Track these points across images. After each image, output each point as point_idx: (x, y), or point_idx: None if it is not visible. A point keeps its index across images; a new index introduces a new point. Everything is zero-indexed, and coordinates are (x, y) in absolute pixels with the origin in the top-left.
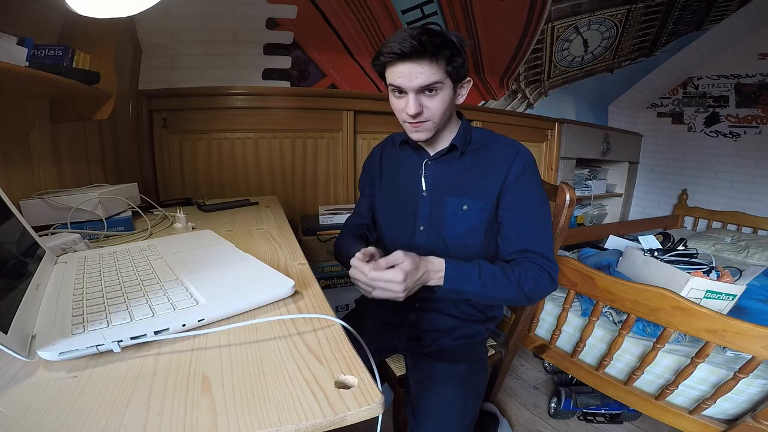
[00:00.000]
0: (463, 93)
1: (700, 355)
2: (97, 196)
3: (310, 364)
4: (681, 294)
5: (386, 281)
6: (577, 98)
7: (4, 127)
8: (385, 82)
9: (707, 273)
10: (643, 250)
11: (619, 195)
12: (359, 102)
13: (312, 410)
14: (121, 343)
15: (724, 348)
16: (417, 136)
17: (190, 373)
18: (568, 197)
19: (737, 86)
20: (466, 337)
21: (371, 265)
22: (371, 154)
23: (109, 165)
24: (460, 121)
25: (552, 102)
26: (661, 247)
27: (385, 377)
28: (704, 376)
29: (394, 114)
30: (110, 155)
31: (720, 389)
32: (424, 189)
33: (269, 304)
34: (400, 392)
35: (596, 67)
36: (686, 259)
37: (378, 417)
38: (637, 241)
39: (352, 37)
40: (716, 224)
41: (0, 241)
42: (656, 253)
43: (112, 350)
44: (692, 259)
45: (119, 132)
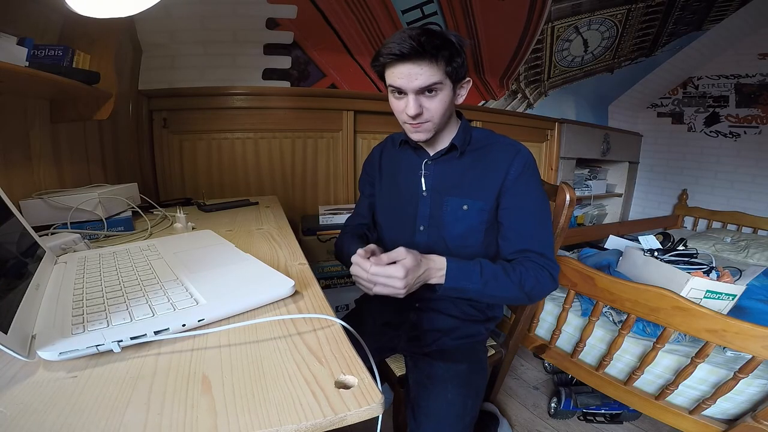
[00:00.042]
0: (463, 93)
1: (700, 355)
2: (97, 196)
3: (310, 364)
4: (681, 294)
5: (387, 277)
6: (577, 98)
7: (4, 127)
8: (384, 82)
9: (707, 273)
10: (643, 250)
11: (619, 195)
12: (359, 102)
13: (312, 410)
14: (121, 343)
15: (724, 348)
16: (417, 136)
17: (190, 373)
18: (568, 197)
19: (737, 86)
20: (466, 337)
21: (372, 260)
22: (371, 155)
23: (109, 165)
24: (459, 121)
25: (552, 102)
26: (661, 247)
27: (385, 377)
28: (704, 376)
29: (394, 114)
30: (110, 155)
31: (720, 389)
32: (423, 189)
33: (269, 304)
34: (400, 392)
35: (596, 67)
36: (686, 259)
37: (378, 417)
38: (637, 241)
39: (352, 37)
40: (716, 224)
41: (0, 241)
42: (656, 253)
43: (112, 350)
44: (692, 259)
45: (119, 132)
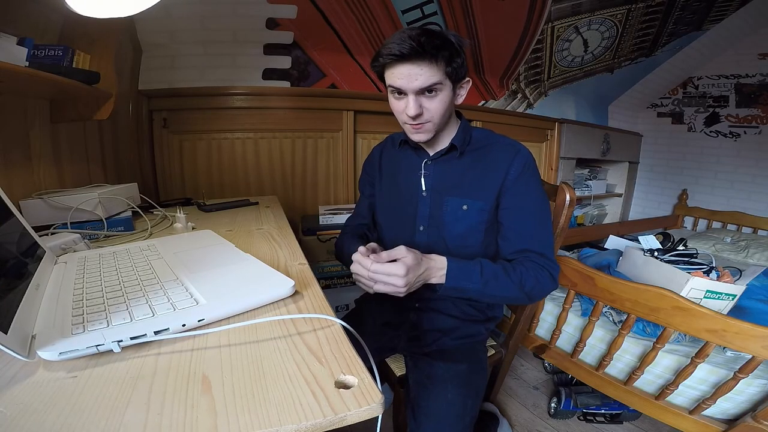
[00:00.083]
0: (463, 93)
1: (700, 355)
2: (97, 196)
3: (310, 364)
4: (681, 294)
5: (388, 275)
6: (577, 98)
7: (4, 127)
8: (384, 83)
9: (707, 273)
10: (643, 250)
11: (619, 195)
12: (359, 102)
13: (312, 410)
14: (121, 343)
15: (724, 348)
16: (418, 137)
17: (190, 373)
18: (568, 197)
19: (737, 86)
20: (466, 337)
21: (373, 257)
22: (371, 155)
23: (109, 165)
24: (459, 121)
25: (552, 102)
26: (661, 247)
27: (385, 377)
28: (704, 376)
29: (394, 114)
30: (110, 155)
31: (720, 389)
32: (423, 189)
33: (269, 304)
34: (400, 392)
35: (596, 67)
36: (686, 259)
37: (378, 417)
38: (637, 241)
39: (352, 37)
40: (716, 224)
41: (0, 241)
42: (656, 253)
43: (112, 350)
44: (692, 259)
45: (119, 132)
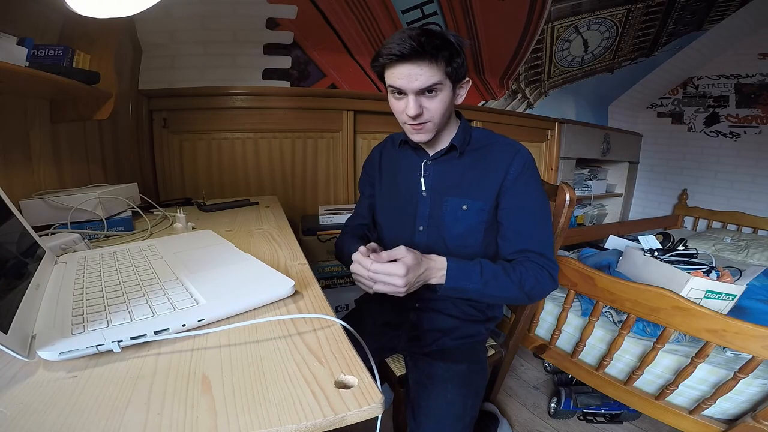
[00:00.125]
0: (462, 93)
1: (700, 355)
2: (97, 196)
3: (310, 364)
4: (681, 294)
5: (388, 275)
6: (577, 98)
7: (4, 127)
8: (384, 83)
9: (707, 273)
10: (643, 250)
11: (619, 195)
12: (359, 102)
13: (312, 410)
14: (121, 343)
15: (724, 348)
16: (418, 137)
17: (190, 373)
18: (568, 197)
19: (737, 86)
20: (466, 337)
21: (373, 257)
22: (371, 155)
23: (109, 165)
24: (459, 121)
25: (552, 102)
26: (661, 247)
27: (385, 377)
28: (704, 376)
29: (394, 114)
30: (110, 155)
31: (720, 389)
32: (423, 189)
33: (269, 304)
34: (400, 392)
35: (596, 67)
36: (686, 259)
37: (378, 417)
38: (637, 241)
39: (352, 37)
40: (716, 224)
41: (0, 241)
42: (656, 253)
43: (112, 350)
44: (692, 259)
45: (119, 132)
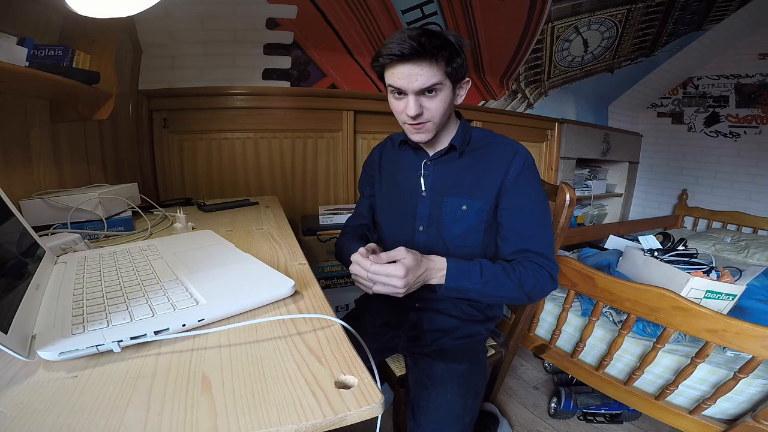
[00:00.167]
0: (462, 93)
1: (700, 355)
2: (97, 196)
3: (310, 364)
4: (681, 294)
5: (387, 276)
6: (577, 98)
7: (4, 127)
8: (384, 83)
9: (707, 273)
10: (643, 250)
11: (619, 195)
12: (359, 102)
13: (312, 410)
14: (121, 343)
15: (724, 348)
16: (418, 137)
17: (190, 373)
18: (568, 197)
19: (737, 86)
20: (466, 337)
21: (372, 258)
22: (371, 155)
23: (109, 165)
24: (458, 121)
25: (552, 102)
26: (661, 247)
27: (385, 377)
28: (704, 376)
29: (393, 114)
30: (110, 155)
31: (720, 389)
32: (423, 189)
33: (269, 304)
34: (400, 392)
35: (596, 67)
36: (686, 259)
37: (378, 417)
38: (637, 241)
39: (352, 37)
40: (716, 224)
41: (0, 241)
42: (656, 253)
43: (112, 350)
44: (692, 259)
45: (119, 132)
